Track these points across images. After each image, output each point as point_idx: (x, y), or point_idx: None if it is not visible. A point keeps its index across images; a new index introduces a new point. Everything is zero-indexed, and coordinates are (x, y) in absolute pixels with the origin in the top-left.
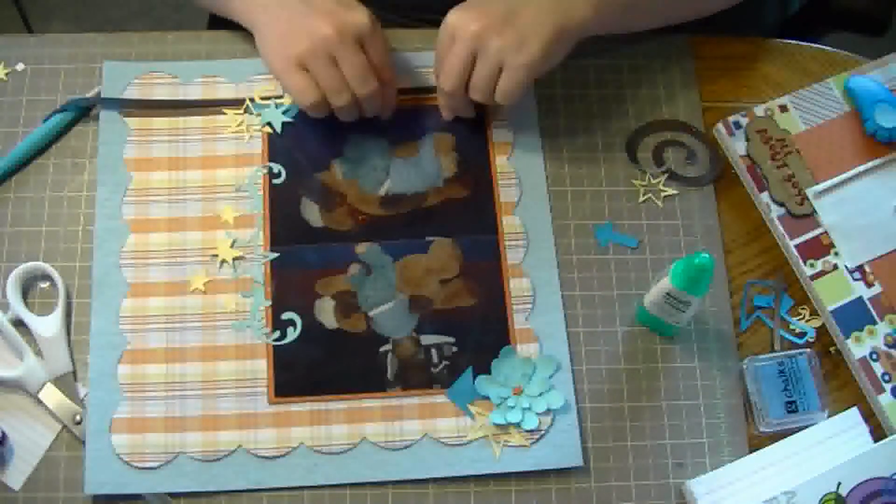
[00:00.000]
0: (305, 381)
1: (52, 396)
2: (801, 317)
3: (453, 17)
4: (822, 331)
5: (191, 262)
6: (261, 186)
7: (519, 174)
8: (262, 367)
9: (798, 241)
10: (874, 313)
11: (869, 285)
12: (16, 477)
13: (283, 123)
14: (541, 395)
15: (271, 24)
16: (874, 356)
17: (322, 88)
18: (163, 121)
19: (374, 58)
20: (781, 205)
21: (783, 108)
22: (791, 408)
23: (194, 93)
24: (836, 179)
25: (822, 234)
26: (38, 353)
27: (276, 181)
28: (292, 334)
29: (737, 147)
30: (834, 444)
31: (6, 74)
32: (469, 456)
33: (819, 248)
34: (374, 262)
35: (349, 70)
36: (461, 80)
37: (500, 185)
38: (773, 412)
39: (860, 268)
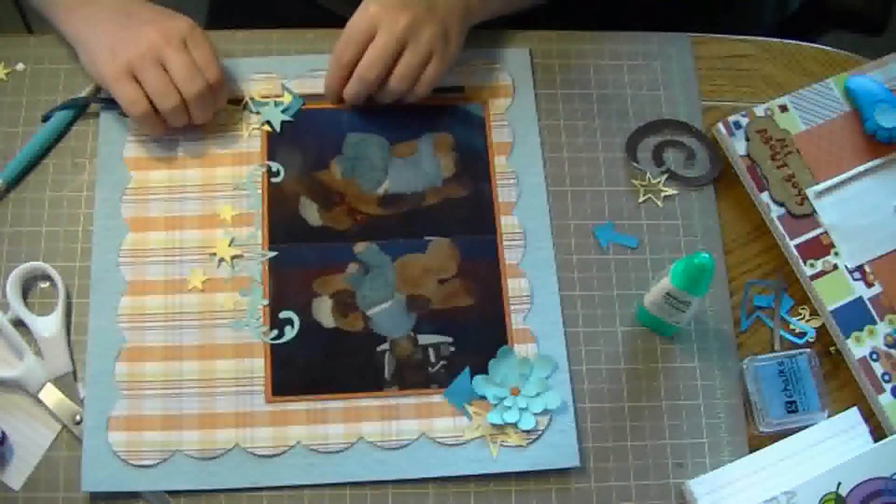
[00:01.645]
0: (303, 379)
1: (51, 396)
2: (801, 317)
3: (377, 8)
4: (822, 331)
5: (189, 261)
6: (259, 185)
7: (518, 174)
8: (259, 365)
9: (798, 241)
10: (874, 313)
11: (869, 285)
12: (16, 477)
13: (283, 122)
14: (538, 395)
15: (97, 38)
16: (874, 356)
17: (150, 92)
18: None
19: (199, 58)
20: (781, 205)
21: (783, 108)
22: (791, 408)
23: None
24: (836, 179)
25: (822, 234)
26: (38, 353)
27: (274, 180)
28: (290, 333)
29: (737, 147)
30: (834, 444)
31: (6, 74)
32: (466, 456)
33: (819, 248)
34: (372, 261)
35: (177, 70)
36: (386, 70)
37: (499, 185)
38: (773, 412)
39: (860, 268)
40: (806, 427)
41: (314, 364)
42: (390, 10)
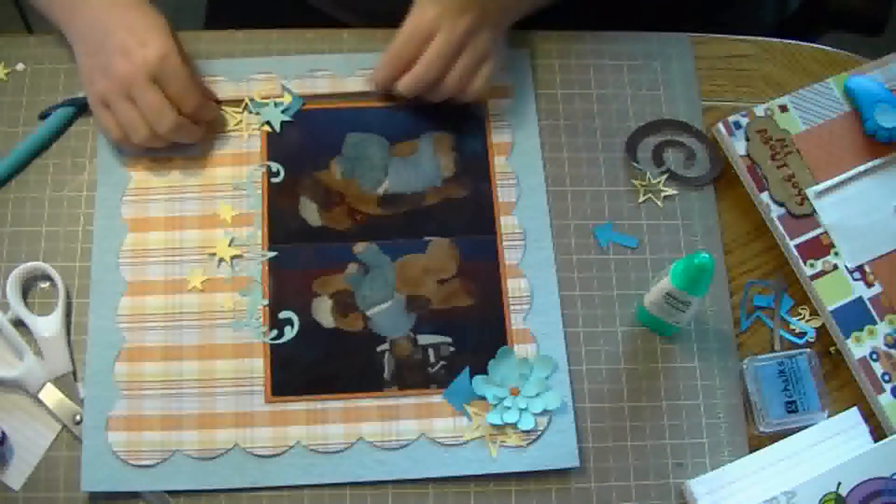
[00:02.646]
0: (302, 380)
1: (51, 396)
2: (801, 317)
3: (435, 9)
4: (822, 331)
5: (189, 261)
6: (259, 185)
7: (518, 174)
8: (259, 365)
9: (798, 241)
10: (874, 313)
11: (869, 285)
12: (16, 477)
13: (283, 122)
14: (538, 395)
15: (81, 57)
16: (874, 356)
17: (121, 125)
18: None
19: (172, 92)
20: (781, 205)
21: (783, 108)
22: (791, 408)
23: None
24: (836, 179)
25: (822, 234)
26: (38, 353)
27: (274, 180)
28: (290, 333)
29: (737, 147)
30: (834, 444)
31: (6, 74)
32: (465, 456)
33: (819, 248)
34: (372, 261)
35: (144, 108)
36: (445, 70)
37: (499, 185)
38: (773, 412)
39: (860, 268)
40: (806, 427)
41: (314, 364)
42: (449, 12)
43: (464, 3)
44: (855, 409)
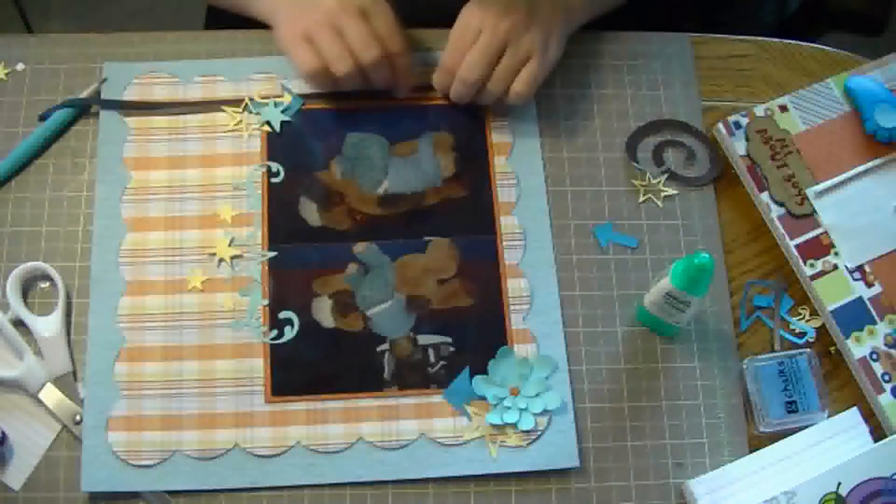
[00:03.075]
0: (302, 380)
1: (51, 396)
2: (801, 317)
3: (479, 11)
4: (822, 331)
5: (189, 261)
6: (259, 185)
7: (518, 174)
8: (259, 365)
9: (798, 241)
10: (874, 313)
11: (869, 285)
12: (16, 477)
13: (282, 122)
14: (538, 395)
15: (282, 7)
16: (874, 356)
17: (325, 57)
18: (162, 120)
19: (379, 28)
20: (781, 205)
21: (783, 108)
22: (791, 408)
23: (194, 92)
24: (836, 179)
25: (822, 234)
26: (38, 353)
27: (274, 180)
28: (290, 333)
29: (737, 147)
30: (834, 444)
31: (6, 74)
32: (465, 456)
33: (819, 248)
34: (371, 261)
35: (352, 38)
36: (488, 71)
37: (499, 185)
38: (773, 412)
39: (860, 268)
40: (806, 427)
41: (314, 364)
42: (492, 14)
43: (509, 4)
44: (855, 409)
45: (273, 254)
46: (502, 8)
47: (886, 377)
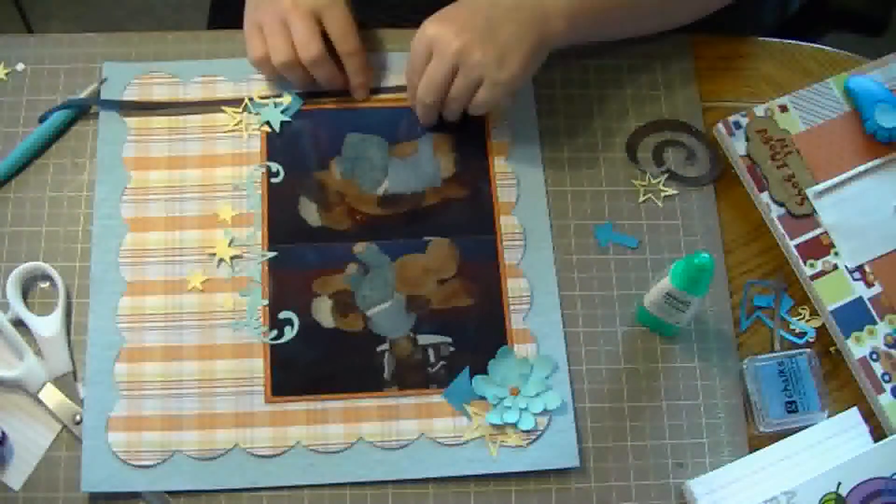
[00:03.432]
0: (302, 380)
1: (52, 396)
2: (801, 317)
3: (432, 30)
4: (822, 331)
5: (189, 261)
6: (259, 185)
7: (518, 174)
8: (259, 366)
9: (798, 241)
10: (874, 313)
11: (869, 285)
12: (16, 477)
13: (282, 122)
14: (538, 395)
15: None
16: (874, 356)
17: (269, 46)
18: (162, 120)
19: (331, 28)
20: (781, 205)
21: (783, 108)
22: (791, 408)
23: (194, 92)
24: (836, 179)
25: (822, 234)
26: (38, 353)
27: (274, 180)
28: (290, 333)
29: (737, 147)
30: (834, 444)
31: (6, 74)
32: (465, 456)
33: (819, 248)
34: (371, 261)
35: (297, 35)
36: (441, 93)
37: (499, 185)
38: (773, 412)
39: (860, 268)
40: (806, 427)
41: (314, 364)
42: (445, 32)
43: (461, 24)
44: (855, 409)
45: (273, 254)
46: (456, 27)
47: (886, 377)
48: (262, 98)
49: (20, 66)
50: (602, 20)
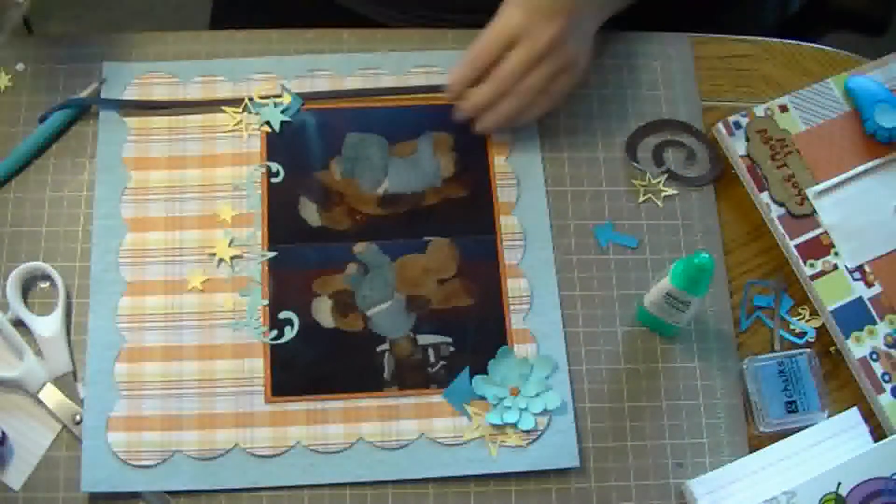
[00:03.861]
0: (302, 380)
1: (52, 396)
2: (801, 317)
3: (522, 15)
4: (822, 331)
5: (189, 261)
6: (259, 185)
7: (518, 174)
8: (259, 366)
9: (798, 241)
10: (874, 313)
11: (869, 285)
12: (16, 477)
13: (282, 122)
14: (538, 395)
15: None
16: (874, 356)
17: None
18: (162, 120)
19: None
20: (781, 205)
21: (783, 108)
22: (791, 408)
23: (194, 92)
24: (836, 179)
25: (822, 234)
26: (38, 353)
27: (274, 180)
28: (290, 333)
29: (737, 147)
30: (834, 444)
31: (10, 79)
32: (465, 456)
33: (819, 248)
34: (371, 261)
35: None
36: (516, 81)
37: (499, 185)
38: (773, 412)
39: (860, 268)
40: (806, 427)
41: (314, 364)
42: (536, 18)
43: (553, 7)
44: (855, 409)
45: (273, 254)
46: (546, 12)
47: (886, 377)
48: (262, 98)
49: (20, 66)
50: None
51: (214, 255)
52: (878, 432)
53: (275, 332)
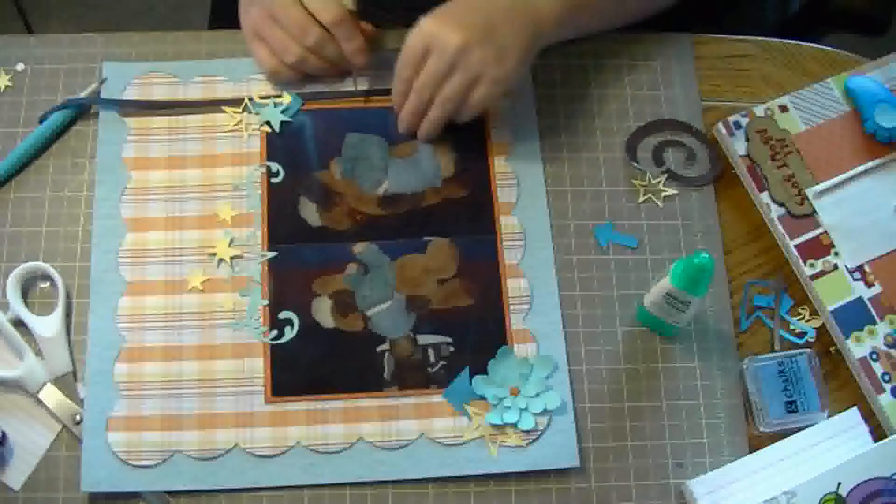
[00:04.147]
0: (302, 380)
1: (52, 396)
2: (801, 317)
3: (431, 27)
4: (822, 331)
5: (189, 261)
6: (259, 185)
7: (518, 174)
8: (259, 366)
9: (798, 241)
10: (874, 313)
11: (869, 285)
12: (16, 477)
13: (282, 122)
14: (538, 395)
15: (241, 2)
16: (874, 356)
17: (273, 51)
18: (162, 120)
19: (311, 5)
20: (781, 205)
21: (783, 108)
22: (791, 408)
23: (194, 92)
24: (836, 179)
25: (822, 234)
26: (38, 353)
27: (274, 180)
28: (290, 333)
29: (737, 147)
30: (834, 444)
31: (10, 79)
32: (465, 456)
33: (819, 248)
34: (371, 261)
35: (288, 25)
36: (436, 90)
37: (499, 185)
38: (773, 412)
39: (860, 268)
40: (806, 427)
41: (314, 364)
42: (445, 30)
43: (459, 22)
44: (855, 409)
45: (273, 254)
46: (454, 24)
47: (886, 377)
48: (262, 98)
49: (20, 66)
50: (586, 19)
51: (214, 255)
52: (878, 432)
53: (275, 332)
